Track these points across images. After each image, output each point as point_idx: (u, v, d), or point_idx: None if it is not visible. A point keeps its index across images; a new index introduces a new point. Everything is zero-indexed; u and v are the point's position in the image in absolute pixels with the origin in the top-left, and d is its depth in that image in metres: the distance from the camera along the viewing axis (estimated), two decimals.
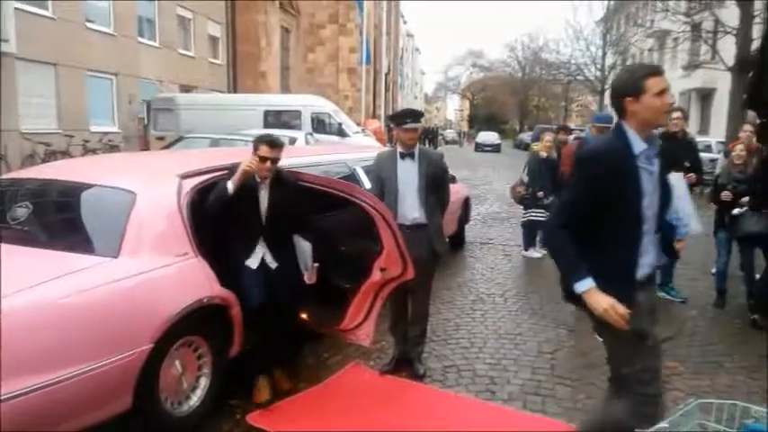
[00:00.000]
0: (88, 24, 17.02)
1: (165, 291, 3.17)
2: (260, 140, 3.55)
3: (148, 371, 2.99)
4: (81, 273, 2.89)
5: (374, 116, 32.36)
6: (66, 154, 14.29)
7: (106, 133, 17.25)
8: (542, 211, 7.52)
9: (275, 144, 3.54)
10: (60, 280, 2.80)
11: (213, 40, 25.14)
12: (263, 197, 3.59)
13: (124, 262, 3.08)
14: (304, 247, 3.72)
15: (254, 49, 26.59)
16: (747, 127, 6.60)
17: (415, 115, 3.93)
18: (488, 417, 3.59)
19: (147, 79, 19.84)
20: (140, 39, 19.77)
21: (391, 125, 4.36)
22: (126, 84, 18.88)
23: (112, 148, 16.62)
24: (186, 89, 21.75)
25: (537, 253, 7.89)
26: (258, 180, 3.56)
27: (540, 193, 7.49)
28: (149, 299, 3.08)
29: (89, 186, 3.58)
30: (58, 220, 3.60)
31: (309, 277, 3.75)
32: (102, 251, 3.10)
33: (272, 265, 3.61)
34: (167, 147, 12.50)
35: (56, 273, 2.82)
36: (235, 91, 24.96)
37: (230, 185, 3.48)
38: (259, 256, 3.59)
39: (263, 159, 3.49)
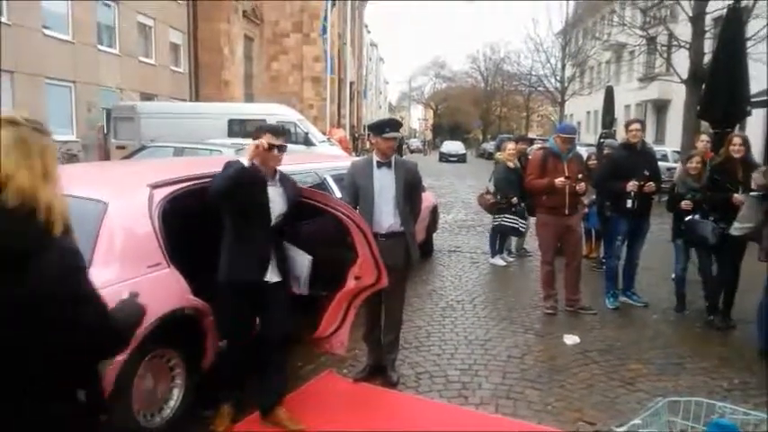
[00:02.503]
0: (45, 31, 16.63)
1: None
2: (261, 130, 3.28)
3: (121, 383, 2.95)
4: None
5: (339, 125, 32.36)
6: None
7: (65, 142, 16.81)
8: (514, 217, 7.65)
9: (278, 132, 3.31)
10: None
11: (175, 47, 24.84)
12: (274, 196, 3.33)
13: (96, 272, 3.00)
14: (302, 260, 3.50)
15: (216, 57, 26.36)
16: (704, 137, 6.91)
17: (394, 125, 4.00)
18: (462, 421, 3.65)
19: (107, 87, 19.46)
20: (100, 46, 19.42)
21: (362, 135, 4.36)
22: (85, 92, 18.48)
23: (71, 157, 16.21)
24: (147, 97, 21.41)
25: (503, 261, 8.03)
26: (266, 174, 3.30)
27: (515, 200, 7.61)
28: None
29: None
30: None
31: (302, 290, 3.58)
32: None
33: (274, 279, 3.38)
34: (129, 156, 12.28)
35: None
36: (197, 99, 24.68)
37: (245, 160, 3.13)
38: (272, 269, 3.35)
39: (270, 147, 3.22)
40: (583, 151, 8.83)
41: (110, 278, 3.02)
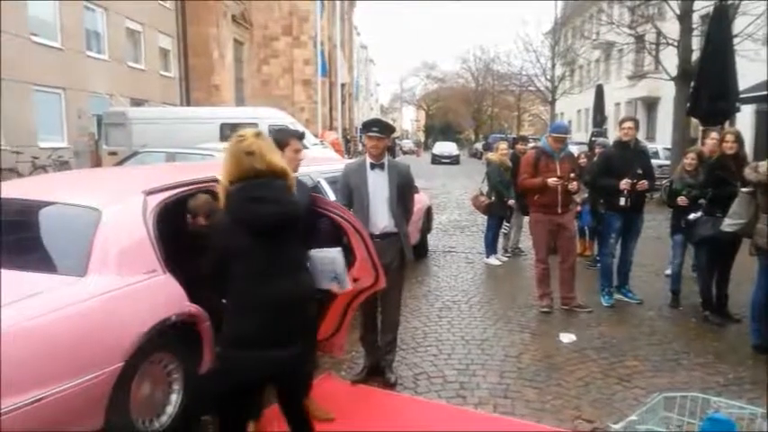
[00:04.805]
0: (33, 38, 16.52)
1: (135, 308, 3.11)
2: (290, 135, 3.41)
3: (120, 389, 2.94)
4: (48, 293, 2.83)
5: (331, 128, 32.33)
6: (13, 171, 13.80)
7: (56, 149, 16.72)
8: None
9: (301, 137, 3.45)
10: (27, 300, 2.73)
11: (164, 52, 24.75)
12: None
13: (92, 280, 3.02)
14: (332, 254, 3.22)
15: (206, 61, 26.30)
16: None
17: (381, 126, 4.02)
18: (461, 421, 3.67)
19: (97, 93, 19.37)
20: (89, 52, 19.32)
21: (354, 137, 4.37)
22: (75, 98, 18.38)
23: (63, 164, 16.10)
24: (137, 103, 21.32)
25: (498, 260, 8.06)
26: None
27: (512, 202, 7.74)
28: (119, 317, 3.02)
29: (53, 204, 3.50)
30: (22, 239, 3.49)
31: (345, 287, 3.31)
32: (69, 270, 3.04)
33: None
34: (120, 162, 12.21)
35: (22, 293, 2.75)
36: (188, 104, 24.59)
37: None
38: None
39: (297, 152, 3.37)
40: (574, 149, 8.89)
41: (106, 286, 3.02)
